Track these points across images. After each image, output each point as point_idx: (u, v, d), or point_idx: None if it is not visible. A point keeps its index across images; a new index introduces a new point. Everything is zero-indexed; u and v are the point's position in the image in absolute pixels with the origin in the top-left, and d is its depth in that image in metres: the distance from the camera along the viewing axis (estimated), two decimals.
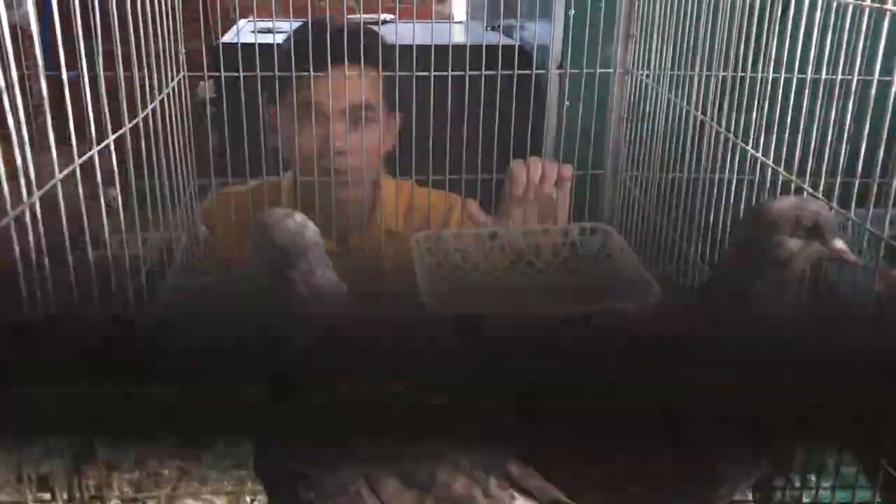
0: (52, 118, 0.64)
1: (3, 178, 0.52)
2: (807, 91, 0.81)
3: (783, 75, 0.86)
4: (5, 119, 0.57)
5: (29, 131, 0.60)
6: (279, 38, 1.40)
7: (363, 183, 1.46)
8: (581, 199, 1.41)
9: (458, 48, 1.35)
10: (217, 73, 1.32)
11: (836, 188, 0.77)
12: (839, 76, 0.79)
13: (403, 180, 1.54)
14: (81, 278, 0.70)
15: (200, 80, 1.62)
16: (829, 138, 0.79)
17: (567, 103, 1.59)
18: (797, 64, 0.82)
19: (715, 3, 1.07)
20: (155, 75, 1.00)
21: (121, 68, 0.87)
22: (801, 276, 0.65)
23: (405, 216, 1.54)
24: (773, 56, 0.87)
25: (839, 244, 0.64)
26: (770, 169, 0.84)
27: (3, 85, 0.58)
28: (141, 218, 1.05)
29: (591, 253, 1.37)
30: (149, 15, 0.99)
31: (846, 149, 0.74)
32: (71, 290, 0.71)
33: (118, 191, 0.80)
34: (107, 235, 1.04)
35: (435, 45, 1.33)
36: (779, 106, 0.85)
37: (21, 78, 0.60)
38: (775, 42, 0.87)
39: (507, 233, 1.38)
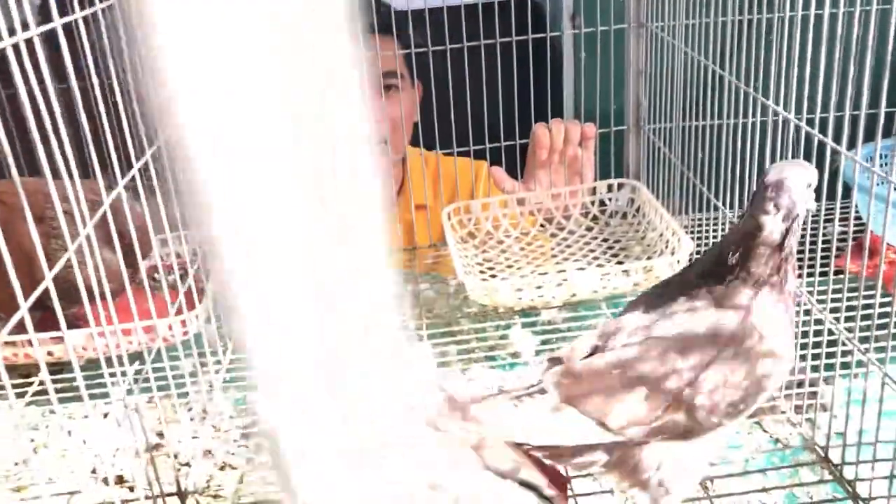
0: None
1: (61, 213, 0.55)
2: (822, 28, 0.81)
3: (800, 12, 0.85)
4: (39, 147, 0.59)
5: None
6: None
7: (388, 153, 1.48)
8: (605, 155, 1.42)
9: (471, 9, 1.36)
10: None
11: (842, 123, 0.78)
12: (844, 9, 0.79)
13: (429, 153, 1.56)
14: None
15: None
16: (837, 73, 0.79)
17: (584, 55, 1.59)
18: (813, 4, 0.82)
19: None
20: None
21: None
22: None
23: (433, 188, 1.57)
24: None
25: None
26: (792, 123, 0.85)
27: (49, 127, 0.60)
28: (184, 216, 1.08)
29: (620, 209, 1.38)
30: None
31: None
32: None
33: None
34: (155, 245, 1.08)
35: (447, 7, 1.33)
36: (797, 50, 0.85)
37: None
38: None
39: (535, 196, 1.40)
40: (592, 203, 1.40)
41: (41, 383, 1.12)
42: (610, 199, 1.39)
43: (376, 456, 0.22)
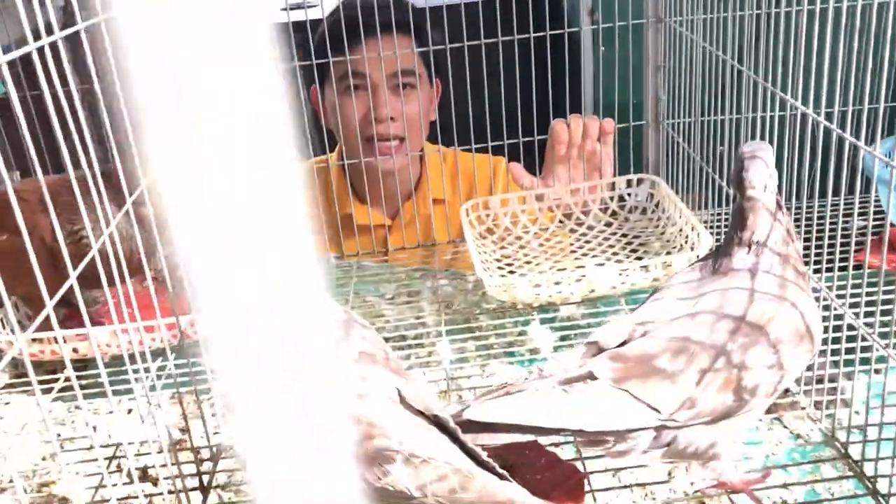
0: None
1: (84, 211, 0.56)
2: (832, 21, 0.80)
3: (818, 6, 0.85)
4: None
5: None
6: (311, 14, 1.43)
7: (408, 151, 1.49)
8: (624, 151, 1.42)
9: (488, 5, 1.36)
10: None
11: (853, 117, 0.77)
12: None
13: (447, 149, 1.56)
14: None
15: None
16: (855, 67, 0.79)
17: (603, 49, 1.58)
18: None
19: None
20: None
21: None
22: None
23: (452, 183, 1.57)
24: None
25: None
26: (811, 118, 0.84)
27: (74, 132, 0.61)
28: None
29: (639, 204, 1.38)
30: None
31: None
32: None
33: None
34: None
35: (465, 4, 1.33)
36: (815, 43, 0.84)
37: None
38: None
39: (553, 192, 1.40)
40: (611, 198, 1.40)
41: (67, 379, 1.14)
42: (629, 195, 1.39)
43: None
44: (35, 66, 0.59)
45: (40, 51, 0.60)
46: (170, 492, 0.84)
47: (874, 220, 1.21)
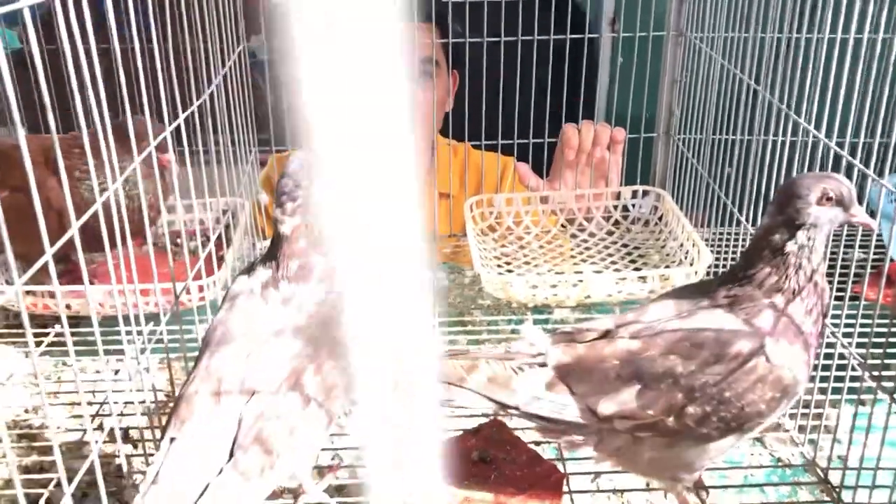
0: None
1: (93, 168, 0.56)
2: (857, 52, 0.81)
3: (839, 35, 0.85)
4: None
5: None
6: None
7: (428, 136, 1.50)
8: (633, 161, 1.42)
9: (512, 4, 1.36)
10: None
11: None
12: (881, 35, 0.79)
13: (458, 144, 1.56)
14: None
15: (252, 34, 1.63)
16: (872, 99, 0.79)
17: (621, 60, 1.59)
18: (854, 25, 0.81)
19: None
20: (217, 49, 1.04)
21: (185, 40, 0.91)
22: (826, 238, 0.76)
23: (459, 178, 1.57)
24: (829, 17, 0.86)
25: (857, 211, 0.74)
26: (822, 144, 0.84)
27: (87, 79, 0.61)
28: (210, 184, 1.10)
29: (643, 216, 1.38)
30: None
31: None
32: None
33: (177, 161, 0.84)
34: (178, 203, 1.09)
35: (488, 2, 1.33)
36: (833, 72, 0.85)
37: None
38: (832, 3, 0.86)
39: (558, 196, 1.40)
40: (616, 207, 1.40)
41: (58, 335, 1.14)
42: (633, 205, 1.39)
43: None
44: (54, 20, 0.59)
45: (63, 4, 0.60)
46: (150, 454, 0.84)
47: (875, 253, 1.21)
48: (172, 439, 0.66)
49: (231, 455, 0.66)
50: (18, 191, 0.53)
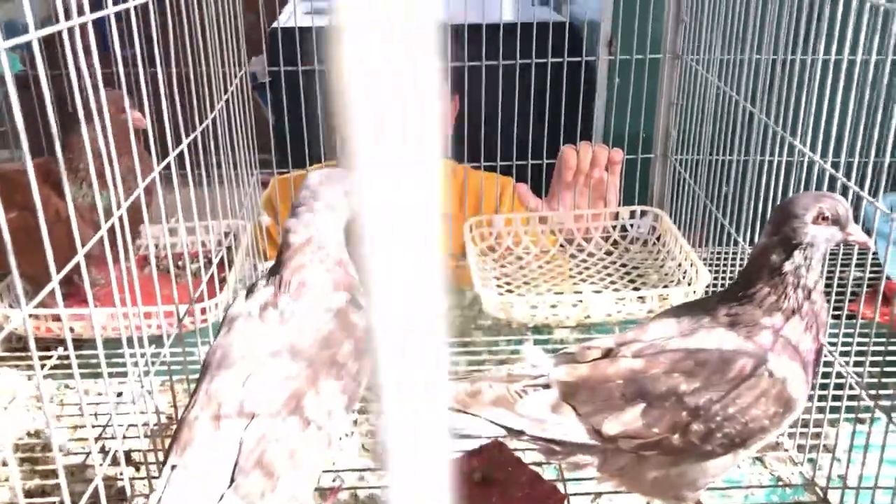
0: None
1: (97, 191, 0.57)
2: (852, 75, 0.82)
3: (833, 57, 0.86)
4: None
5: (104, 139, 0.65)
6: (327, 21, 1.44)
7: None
8: (631, 182, 1.43)
9: (509, 27, 1.37)
10: (284, 67, 1.36)
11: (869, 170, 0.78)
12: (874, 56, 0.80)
13: (457, 164, 1.57)
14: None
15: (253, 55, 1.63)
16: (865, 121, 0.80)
17: (618, 80, 1.60)
18: (847, 48, 0.83)
19: None
20: (220, 73, 1.05)
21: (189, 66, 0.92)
22: (823, 256, 0.76)
23: (459, 199, 1.58)
24: (823, 39, 0.87)
25: (854, 229, 0.75)
26: (817, 165, 0.85)
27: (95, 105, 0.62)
28: (212, 207, 1.11)
29: (641, 236, 1.39)
30: (213, 14, 1.04)
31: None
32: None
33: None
34: (181, 225, 1.10)
35: (486, 25, 1.35)
36: (827, 93, 0.86)
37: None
38: (826, 25, 0.87)
39: (557, 216, 1.41)
40: (614, 227, 1.41)
41: (60, 357, 1.15)
42: (632, 225, 1.40)
43: None
44: (56, 46, 0.60)
45: (70, 31, 0.61)
46: (153, 477, 0.84)
47: (872, 272, 1.22)
48: (174, 466, 0.67)
49: (232, 480, 0.66)
50: (25, 209, 0.53)
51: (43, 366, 1.13)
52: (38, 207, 0.52)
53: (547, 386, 0.76)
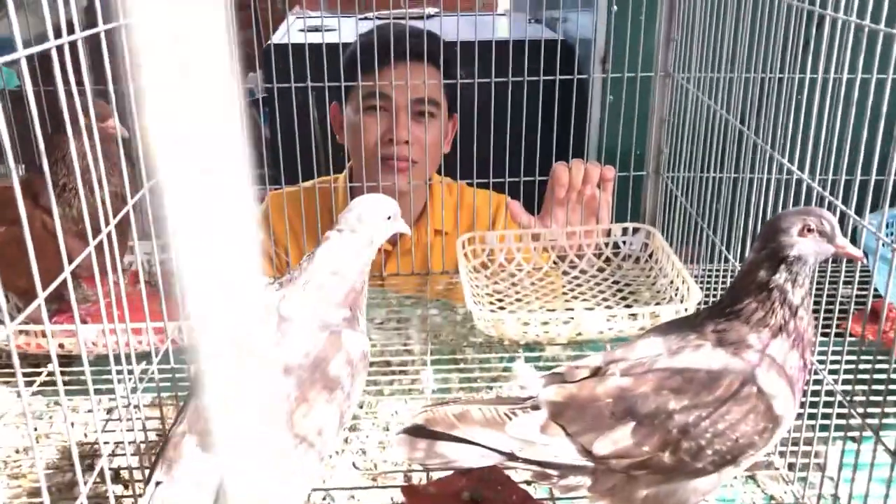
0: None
1: (83, 198, 0.58)
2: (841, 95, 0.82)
3: (821, 75, 0.86)
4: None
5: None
6: (328, 38, 1.45)
7: (425, 175, 1.52)
8: (623, 199, 1.44)
9: (502, 44, 1.38)
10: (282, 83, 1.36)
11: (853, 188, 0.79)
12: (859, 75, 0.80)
13: (453, 182, 1.58)
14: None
15: (249, 71, 1.64)
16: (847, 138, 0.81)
17: (611, 98, 1.61)
18: (834, 65, 0.83)
19: (755, 7, 1.08)
20: None
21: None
22: (811, 270, 0.76)
23: (453, 216, 1.59)
24: (811, 59, 0.87)
25: (842, 242, 0.75)
26: (805, 183, 0.86)
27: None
28: None
29: (633, 253, 1.39)
30: None
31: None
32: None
33: None
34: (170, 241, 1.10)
35: (478, 42, 1.36)
36: (815, 111, 0.86)
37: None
38: (812, 45, 0.87)
39: (550, 233, 1.41)
40: (606, 245, 1.41)
41: (50, 374, 1.15)
42: (624, 242, 1.40)
43: None
44: (50, 63, 0.60)
45: (59, 48, 0.61)
46: (140, 495, 0.84)
47: (860, 289, 1.22)
48: (158, 483, 0.67)
49: (217, 499, 0.66)
50: (14, 224, 0.54)
51: (33, 382, 1.12)
52: (24, 222, 0.52)
53: (536, 407, 0.75)
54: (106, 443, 0.97)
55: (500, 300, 1.31)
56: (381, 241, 0.86)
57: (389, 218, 0.86)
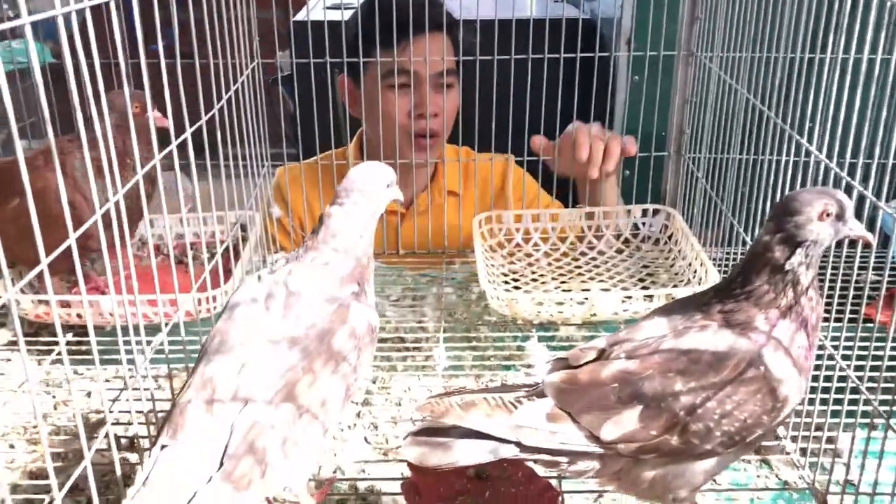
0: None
1: (92, 176, 0.58)
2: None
3: (853, 56, 0.84)
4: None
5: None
6: (347, 15, 1.45)
7: (442, 145, 1.52)
8: (644, 180, 1.42)
9: (523, 22, 1.37)
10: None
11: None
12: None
13: (460, 147, 1.59)
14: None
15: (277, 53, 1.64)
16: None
17: (635, 78, 1.59)
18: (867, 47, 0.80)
19: None
20: (230, 63, 1.06)
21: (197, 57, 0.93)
22: (823, 252, 0.74)
23: (465, 178, 1.59)
24: (843, 37, 0.85)
25: (854, 224, 0.73)
26: (824, 165, 0.84)
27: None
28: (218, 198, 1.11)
29: (653, 234, 1.38)
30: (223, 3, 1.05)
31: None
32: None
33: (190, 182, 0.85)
34: (184, 215, 1.11)
35: (499, 21, 1.34)
36: (834, 93, 0.84)
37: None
38: (845, 23, 0.85)
39: (568, 214, 1.41)
40: (625, 226, 1.40)
41: (69, 343, 1.17)
42: (643, 224, 1.39)
43: None
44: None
45: (66, 18, 0.62)
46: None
47: (889, 276, 1.19)
48: (164, 446, 0.67)
49: (222, 464, 0.67)
50: (35, 196, 0.55)
51: (51, 351, 1.14)
52: (28, 195, 0.53)
53: (542, 394, 0.75)
54: (121, 411, 0.99)
55: (516, 280, 1.31)
56: (382, 210, 0.85)
57: (388, 186, 0.85)
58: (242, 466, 0.67)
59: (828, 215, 0.71)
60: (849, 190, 0.79)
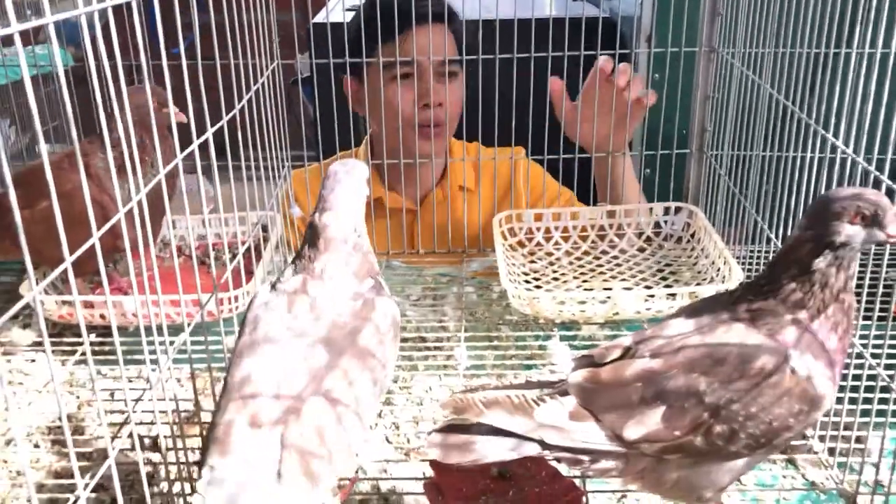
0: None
1: (115, 176, 0.58)
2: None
3: (879, 50, 0.83)
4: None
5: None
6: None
7: (446, 135, 1.52)
8: (666, 178, 1.41)
9: (542, 23, 1.36)
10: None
11: None
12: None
13: (469, 143, 1.58)
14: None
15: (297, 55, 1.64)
16: None
17: (656, 76, 1.57)
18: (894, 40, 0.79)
19: None
20: (250, 65, 1.06)
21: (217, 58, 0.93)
22: (856, 256, 0.72)
23: (474, 172, 1.58)
24: (868, 32, 0.84)
25: (894, 229, 0.70)
26: (850, 159, 0.83)
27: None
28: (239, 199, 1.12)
29: (675, 233, 1.37)
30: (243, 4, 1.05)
31: None
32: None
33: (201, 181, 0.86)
34: (206, 217, 1.12)
35: (518, 20, 1.34)
36: (867, 87, 0.83)
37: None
38: (872, 17, 0.84)
39: (589, 212, 1.40)
40: (647, 224, 1.39)
41: (93, 344, 1.18)
42: (665, 222, 1.38)
43: None
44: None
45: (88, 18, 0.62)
46: (171, 463, 0.86)
47: None
48: (212, 467, 0.67)
49: (279, 476, 0.67)
50: (62, 198, 0.55)
51: (75, 352, 1.15)
52: (53, 196, 0.53)
53: (565, 392, 0.74)
54: (145, 411, 0.99)
55: (538, 279, 1.30)
56: (364, 202, 0.86)
57: (367, 180, 0.87)
58: (298, 477, 0.67)
59: (862, 218, 0.69)
60: (877, 185, 0.78)
